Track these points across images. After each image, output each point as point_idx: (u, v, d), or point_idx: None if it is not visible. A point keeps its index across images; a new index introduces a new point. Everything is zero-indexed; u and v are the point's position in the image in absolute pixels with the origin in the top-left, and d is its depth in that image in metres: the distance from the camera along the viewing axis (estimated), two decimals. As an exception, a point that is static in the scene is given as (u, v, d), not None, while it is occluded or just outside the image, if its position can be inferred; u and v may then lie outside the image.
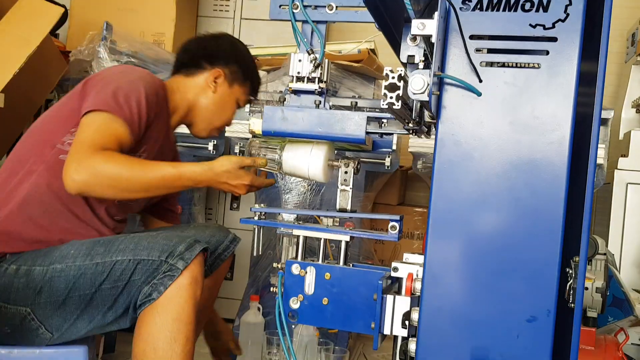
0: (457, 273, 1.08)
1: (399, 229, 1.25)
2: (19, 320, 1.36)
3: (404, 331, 1.16)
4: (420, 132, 1.29)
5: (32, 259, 1.39)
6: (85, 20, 2.89)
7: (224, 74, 1.70)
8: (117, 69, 1.58)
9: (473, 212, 1.07)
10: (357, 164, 1.35)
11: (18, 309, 1.36)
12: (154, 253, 1.35)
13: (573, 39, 1.04)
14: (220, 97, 1.71)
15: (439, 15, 0.98)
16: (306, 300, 1.26)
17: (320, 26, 1.39)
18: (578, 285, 1.06)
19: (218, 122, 1.74)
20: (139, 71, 1.57)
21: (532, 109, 1.05)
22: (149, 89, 1.51)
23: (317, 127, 1.27)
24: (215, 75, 1.70)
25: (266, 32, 3.14)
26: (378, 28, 1.20)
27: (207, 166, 1.47)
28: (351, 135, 1.26)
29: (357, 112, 1.27)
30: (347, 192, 1.34)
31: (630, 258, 2.66)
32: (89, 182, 1.35)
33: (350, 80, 2.46)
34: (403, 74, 1.03)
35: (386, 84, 1.03)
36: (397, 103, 1.03)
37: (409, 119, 1.19)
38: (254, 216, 1.34)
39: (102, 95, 1.45)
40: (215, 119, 1.73)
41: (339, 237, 1.29)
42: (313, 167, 1.37)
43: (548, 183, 1.04)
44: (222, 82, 1.71)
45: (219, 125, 1.75)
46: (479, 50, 1.07)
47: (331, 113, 1.27)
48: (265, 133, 1.31)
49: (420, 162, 2.46)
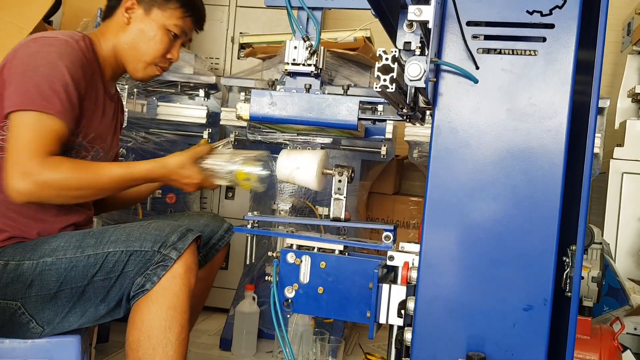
0: (453, 262, 1.07)
1: (393, 239, 1.24)
2: (8, 315, 1.35)
3: (399, 320, 1.16)
4: (415, 119, 1.25)
5: (21, 253, 1.37)
6: (79, 7, 2.86)
7: (137, 1, 1.58)
8: (31, 48, 1.41)
9: (469, 200, 1.06)
10: (351, 173, 1.34)
11: (8, 303, 1.34)
12: (147, 244, 1.34)
13: (570, 26, 1.03)
14: (138, 28, 1.58)
15: (435, 1, 0.97)
16: (301, 289, 1.25)
17: (316, 12, 1.37)
18: (575, 274, 1.06)
19: (146, 56, 1.59)
20: (56, 45, 1.42)
21: (529, 96, 1.04)
22: (71, 65, 1.41)
23: (307, 112, 1.24)
24: (127, 6, 1.58)
25: (262, 20, 3.12)
26: (374, 14, 1.19)
27: (160, 163, 1.45)
28: (343, 121, 1.22)
29: (349, 97, 1.23)
30: (341, 201, 1.32)
31: (626, 247, 2.66)
32: (34, 192, 1.31)
33: (346, 69, 2.44)
34: (397, 56, 1.00)
35: (379, 65, 0.99)
36: (391, 86, 0.99)
37: (403, 104, 1.15)
38: (247, 224, 1.33)
39: (24, 89, 1.35)
40: (141, 53, 1.59)
41: (332, 246, 1.28)
42: (306, 176, 1.35)
43: (545, 171, 1.03)
44: (137, 11, 1.58)
45: (150, 59, 1.60)
46: (475, 37, 1.06)
47: (322, 97, 1.24)
48: (253, 118, 1.27)
49: (416, 151, 2.45)
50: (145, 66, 1.61)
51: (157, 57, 1.60)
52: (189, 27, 1.63)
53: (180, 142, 2.60)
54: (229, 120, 2.44)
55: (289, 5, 1.36)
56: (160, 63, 1.63)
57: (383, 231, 1.27)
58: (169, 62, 1.64)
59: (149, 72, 1.63)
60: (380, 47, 1.00)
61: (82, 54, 1.47)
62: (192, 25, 1.64)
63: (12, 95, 1.36)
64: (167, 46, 1.60)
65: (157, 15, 1.58)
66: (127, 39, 1.58)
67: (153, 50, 1.59)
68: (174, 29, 1.59)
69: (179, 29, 1.60)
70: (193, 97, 2.63)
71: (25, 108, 1.34)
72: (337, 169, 1.33)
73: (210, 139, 2.58)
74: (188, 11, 1.60)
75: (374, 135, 1.45)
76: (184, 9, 1.60)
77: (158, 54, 1.60)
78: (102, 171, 1.40)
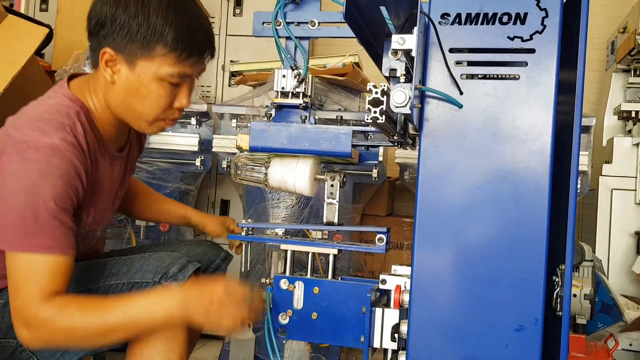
0: (444, 284, 1.08)
1: (386, 241, 1.25)
2: (9, 353, 1.34)
3: (393, 344, 1.16)
4: (405, 144, 1.30)
5: None
6: (71, 40, 2.89)
7: (114, 52, 1.26)
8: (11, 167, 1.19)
9: (458, 222, 1.08)
10: (343, 177, 1.36)
11: (8, 341, 1.33)
12: (148, 275, 1.34)
13: (550, 50, 1.06)
14: (125, 88, 1.29)
15: (418, 30, 1.00)
16: (295, 315, 1.26)
17: (304, 42, 1.41)
18: (565, 293, 1.07)
19: (147, 115, 1.32)
20: (37, 160, 1.18)
21: (513, 119, 1.06)
22: (58, 182, 1.19)
23: (304, 142, 1.28)
24: (106, 60, 1.27)
25: (252, 48, 3.16)
26: (360, 43, 1.22)
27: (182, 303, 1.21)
28: (337, 150, 1.27)
29: (343, 127, 1.28)
30: (334, 205, 1.34)
31: (618, 264, 2.68)
32: (43, 339, 1.20)
33: (336, 94, 2.47)
34: (386, 89, 1.05)
35: (370, 99, 1.04)
36: (381, 117, 1.04)
37: (394, 132, 1.21)
38: (242, 232, 1.34)
39: (8, 223, 1.18)
40: (140, 114, 1.32)
41: (326, 251, 1.29)
42: (299, 182, 1.37)
43: (531, 192, 1.05)
44: (118, 66, 1.28)
45: (152, 118, 1.33)
46: (459, 63, 1.09)
47: (317, 128, 1.28)
48: (252, 149, 1.31)
49: (407, 173, 2.47)
50: (149, 124, 1.36)
51: (158, 114, 1.33)
52: (190, 67, 1.30)
53: (173, 170, 2.61)
54: (221, 147, 2.46)
55: (277, 36, 1.39)
56: (168, 116, 1.36)
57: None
58: (178, 111, 1.36)
59: (155, 129, 1.37)
60: (369, 72, 1.04)
61: (75, 152, 1.24)
62: (195, 60, 1.30)
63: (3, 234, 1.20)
64: (169, 98, 1.32)
65: (144, 67, 1.27)
66: (118, 100, 1.32)
67: (151, 109, 1.31)
68: (170, 78, 1.28)
69: (176, 77, 1.29)
70: (185, 125, 2.64)
71: (13, 250, 1.19)
72: (329, 174, 1.35)
73: (202, 165, 2.59)
74: (182, 51, 1.27)
75: (367, 161, 1.49)
76: (177, 51, 1.26)
77: (159, 110, 1.32)
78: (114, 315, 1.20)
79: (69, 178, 1.21)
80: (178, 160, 2.61)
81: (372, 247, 1.27)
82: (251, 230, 1.35)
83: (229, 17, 3.25)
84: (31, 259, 1.18)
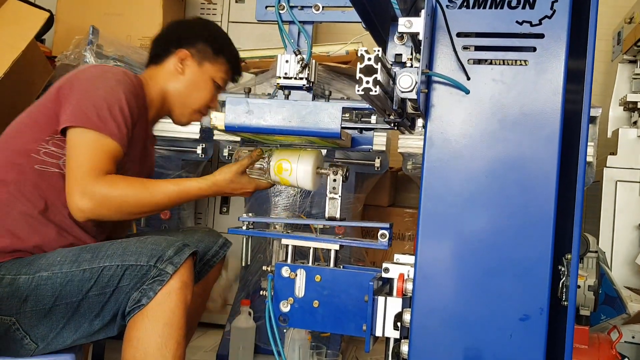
0: (448, 273, 1.06)
1: (388, 237, 1.24)
2: (3, 331, 1.34)
3: (396, 333, 1.15)
4: (403, 126, 1.19)
5: (17, 268, 1.36)
6: (72, 25, 2.87)
7: (191, 54, 1.67)
8: (91, 72, 1.51)
9: (463, 210, 1.06)
10: (346, 172, 1.33)
11: (2, 318, 1.33)
12: (143, 258, 1.33)
13: (560, 35, 1.03)
14: (191, 78, 1.68)
15: (425, 13, 0.98)
16: (296, 303, 1.24)
17: (307, 26, 1.38)
18: (571, 283, 1.05)
19: (195, 104, 1.70)
20: (115, 73, 1.52)
21: (521, 105, 1.04)
22: (128, 93, 1.48)
23: (287, 121, 1.18)
24: (181, 57, 1.67)
25: (254, 35, 3.13)
26: (365, 28, 1.19)
27: (210, 181, 1.48)
28: (325, 130, 1.18)
29: (331, 103, 1.18)
30: (336, 200, 1.32)
31: (622, 256, 2.66)
32: (95, 210, 1.37)
33: (339, 82, 2.45)
34: (381, 55, 0.93)
35: (361, 66, 0.91)
36: (375, 88, 0.91)
37: (390, 110, 1.09)
38: (242, 226, 1.32)
39: (83, 108, 1.41)
40: (191, 101, 1.69)
41: (328, 246, 1.27)
42: (301, 176, 1.35)
43: (538, 180, 1.03)
44: (190, 62, 1.67)
45: (197, 107, 1.71)
46: (466, 47, 1.06)
47: (302, 104, 1.19)
48: (228, 128, 1.22)
49: (410, 163, 2.45)
50: (192, 113, 1.71)
51: (203, 105, 1.70)
52: (229, 79, 1.75)
53: (174, 158, 2.60)
54: (223, 135, 2.44)
55: (280, 20, 1.37)
56: (203, 111, 1.73)
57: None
58: (207, 110, 1.73)
59: (193, 118, 1.73)
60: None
61: (138, 87, 1.56)
62: (233, 77, 1.75)
63: (70, 113, 1.41)
64: (213, 96, 1.71)
65: (208, 67, 1.68)
66: (179, 87, 1.67)
67: (201, 99, 1.69)
68: (220, 81, 1.70)
69: (223, 82, 1.72)
70: (186, 113, 2.62)
71: (82, 125, 1.40)
72: (331, 169, 1.32)
73: (204, 153, 2.57)
74: (233, 66, 1.72)
75: (361, 145, 1.40)
76: (230, 64, 1.71)
77: (204, 103, 1.70)
78: (158, 189, 1.45)
79: (135, 96, 1.51)
80: (179, 148, 2.60)
81: (374, 242, 1.25)
82: (252, 224, 1.32)
83: (231, 4, 3.22)
84: (97, 138, 1.39)
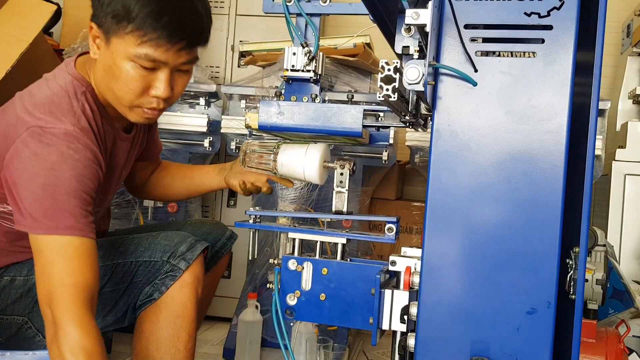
0: (455, 266, 1.06)
1: (396, 231, 1.24)
2: (14, 330, 1.34)
3: (402, 326, 1.15)
4: (417, 125, 1.26)
5: (28, 268, 1.36)
6: (79, 18, 2.87)
7: (96, 25, 1.23)
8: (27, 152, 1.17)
9: (470, 203, 1.05)
10: (353, 166, 1.34)
11: (14, 318, 1.34)
12: (156, 254, 1.34)
13: (569, 27, 1.02)
14: (103, 64, 1.25)
15: (433, 5, 0.97)
16: (303, 296, 1.24)
17: (314, 19, 1.38)
18: (579, 276, 1.05)
19: (122, 99, 1.26)
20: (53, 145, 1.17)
21: (529, 98, 1.04)
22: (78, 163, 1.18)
23: (314, 121, 1.26)
24: (92, 34, 1.25)
25: (261, 28, 3.12)
26: (372, 20, 1.19)
27: None
28: (348, 129, 1.25)
29: (354, 106, 1.25)
30: (344, 194, 1.32)
31: (630, 250, 2.65)
32: None
33: (346, 75, 2.44)
34: (399, 66, 1.02)
35: (382, 76, 1.01)
36: (394, 95, 1.01)
37: (406, 112, 1.17)
38: (249, 219, 1.32)
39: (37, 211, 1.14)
40: (117, 96, 1.26)
41: (335, 240, 1.27)
42: (309, 169, 1.35)
43: (546, 172, 1.03)
44: (100, 42, 1.24)
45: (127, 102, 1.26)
46: (474, 39, 1.06)
47: (327, 107, 1.26)
48: (261, 127, 1.29)
49: (417, 156, 2.45)
50: (129, 111, 1.29)
51: (132, 98, 1.26)
52: (163, 53, 1.20)
53: (181, 151, 2.60)
54: (230, 128, 2.44)
55: (287, 12, 1.37)
56: (144, 104, 1.27)
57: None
58: (157, 100, 1.27)
59: (136, 116, 1.30)
60: (380, 54, 1.01)
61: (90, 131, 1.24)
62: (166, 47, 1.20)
63: (20, 217, 1.18)
64: (140, 83, 1.23)
65: (117, 45, 1.20)
66: (98, 79, 1.28)
67: (124, 91, 1.24)
68: (138, 60, 1.20)
69: (144, 60, 1.20)
70: (193, 106, 2.62)
71: (34, 232, 1.16)
72: (338, 162, 1.33)
73: (211, 147, 2.57)
74: (147, 31, 1.18)
75: (378, 142, 1.48)
76: (140, 30, 1.17)
77: (132, 95, 1.25)
78: None
79: (89, 161, 1.19)
80: (186, 140, 2.60)
81: (381, 236, 1.25)
82: (259, 218, 1.32)
83: (238, -3, 3.21)
84: (54, 241, 1.13)
